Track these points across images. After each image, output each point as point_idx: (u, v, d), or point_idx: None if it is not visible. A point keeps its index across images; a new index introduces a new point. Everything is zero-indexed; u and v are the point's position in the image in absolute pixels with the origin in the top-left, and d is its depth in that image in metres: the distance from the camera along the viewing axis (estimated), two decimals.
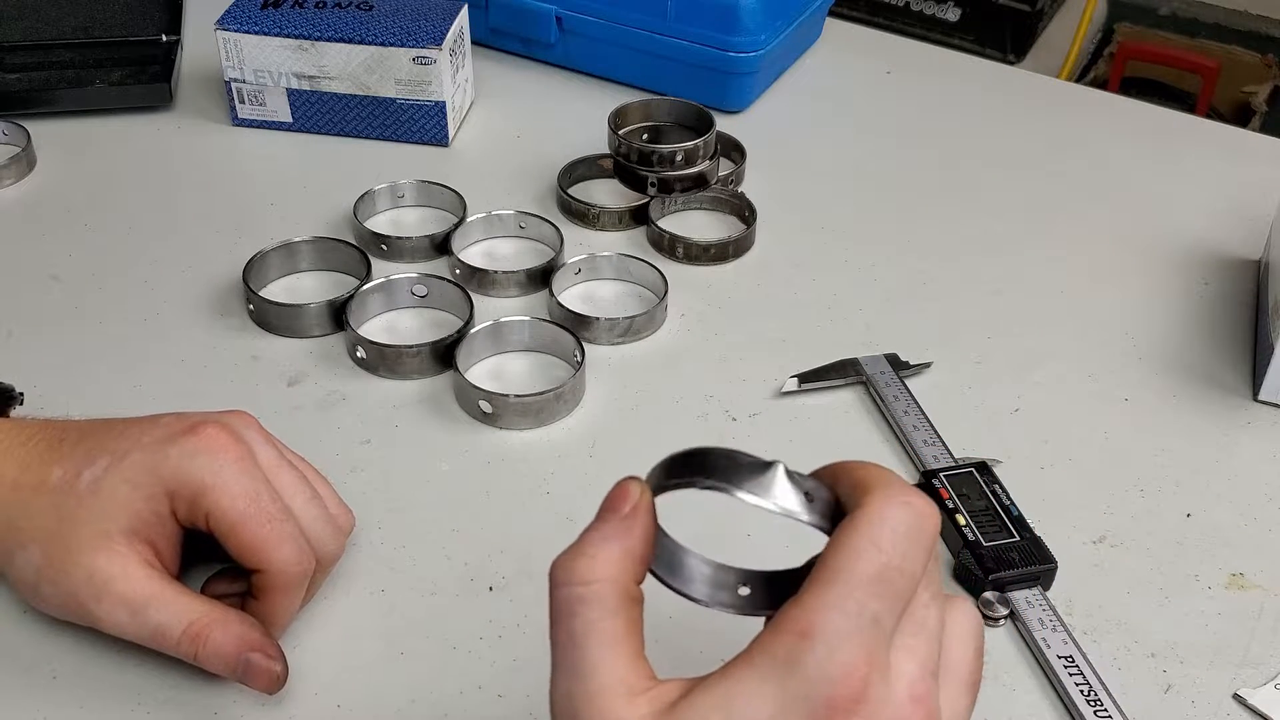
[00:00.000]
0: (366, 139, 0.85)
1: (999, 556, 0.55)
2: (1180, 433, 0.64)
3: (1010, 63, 2.07)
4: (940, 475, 0.59)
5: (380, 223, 0.77)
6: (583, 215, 0.78)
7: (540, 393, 0.62)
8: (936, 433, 0.62)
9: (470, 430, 0.63)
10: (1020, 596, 0.54)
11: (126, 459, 0.48)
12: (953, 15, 2.19)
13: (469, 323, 0.66)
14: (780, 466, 0.36)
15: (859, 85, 0.95)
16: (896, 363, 0.67)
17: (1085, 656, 0.51)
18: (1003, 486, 0.58)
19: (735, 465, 0.36)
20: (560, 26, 0.91)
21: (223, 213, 0.78)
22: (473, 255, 0.74)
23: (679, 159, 0.76)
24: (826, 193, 0.82)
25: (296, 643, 0.51)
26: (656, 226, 0.76)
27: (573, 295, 0.72)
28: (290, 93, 0.83)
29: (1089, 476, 0.62)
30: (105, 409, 0.54)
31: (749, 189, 0.81)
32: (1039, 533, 0.56)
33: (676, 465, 0.37)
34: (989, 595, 0.54)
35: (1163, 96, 1.93)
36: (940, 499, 0.57)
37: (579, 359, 0.64)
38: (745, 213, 0.78)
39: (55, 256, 0.73)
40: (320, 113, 0.84)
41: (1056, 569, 0.55)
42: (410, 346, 0.65)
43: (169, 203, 0.79)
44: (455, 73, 0.83)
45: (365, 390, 0.65)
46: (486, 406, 0.62)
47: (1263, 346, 0.67)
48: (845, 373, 0.66)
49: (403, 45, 0.80)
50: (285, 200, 0.79)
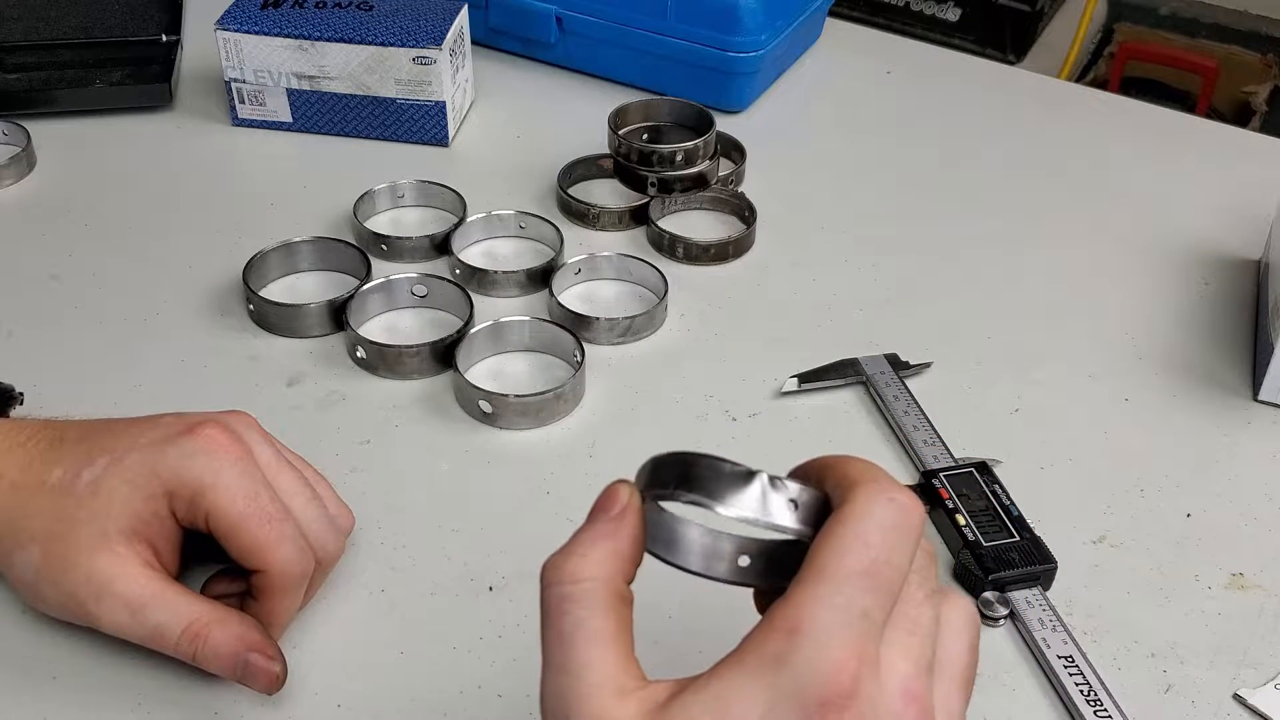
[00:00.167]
0: (366, 139, 0.85)
1: (999, 556, 0.55)
2: (1180, 433, 0.64)
3: (1010, 63, 2.07)
4: (940, 475, 0.59)
5: (380, 223, 0.77)
6: (583, 215, 0.78)
7: (540, 393, 0.62)
8: (936, 433, 0.62)
9: (470, 430, 0.63)
10: (1020, 596, 0.54)
11: (126, 459, 0.48)
12: (953, 15, 2.19)
13: (469, 323, 0.66)
14: (763, 477, 0.36)
15: (859, 85, 0.95)
16: (896, 363, 0.67)
17: (1085, 656, 0.51)
18: (1003, 486, 0.58)
19: (718, 475, 0.36)
20: (560, 26, 0.91)
21: (223, 213, 0.78)
22: (473, 255, 0.74)
23: (679, 159, 0.76)
24: (826, 193, 0.82)
25: (296, 643, 0.51)
26: (656, 226, 0.76)
27: (573, 295, 0.72)
28: (290, 93, 0.83)
29: (1089, 476, 0.62)
30: (105, 409, 0.54)
31: (749, 189, 0.81)
32: (1039, 533, 0.56)
33: (662, 469, 0.37)
34: (989, 595, 0.54)
35: (1163, 96, 1.93)
36: (940, 499, 0.58)
37: (579, 359, 0.64)
38: (745, 213, 0.78)
39: (55, 256, 0.73)
40: (320, 113, 0.84)
41: (1056, 569, 0.55)
42: (410, 346, 0.65)
43: (169, 203, 0.79)
44: (455, 73, 0.83)
45: (365, 390, 0.65)
46: (486, 406, 0.62)
47: (1263, 346, 0.67)
48: (845, 373, 0.66)
49: (403, 45, 0.80)
50: (285, 200, 0.79)
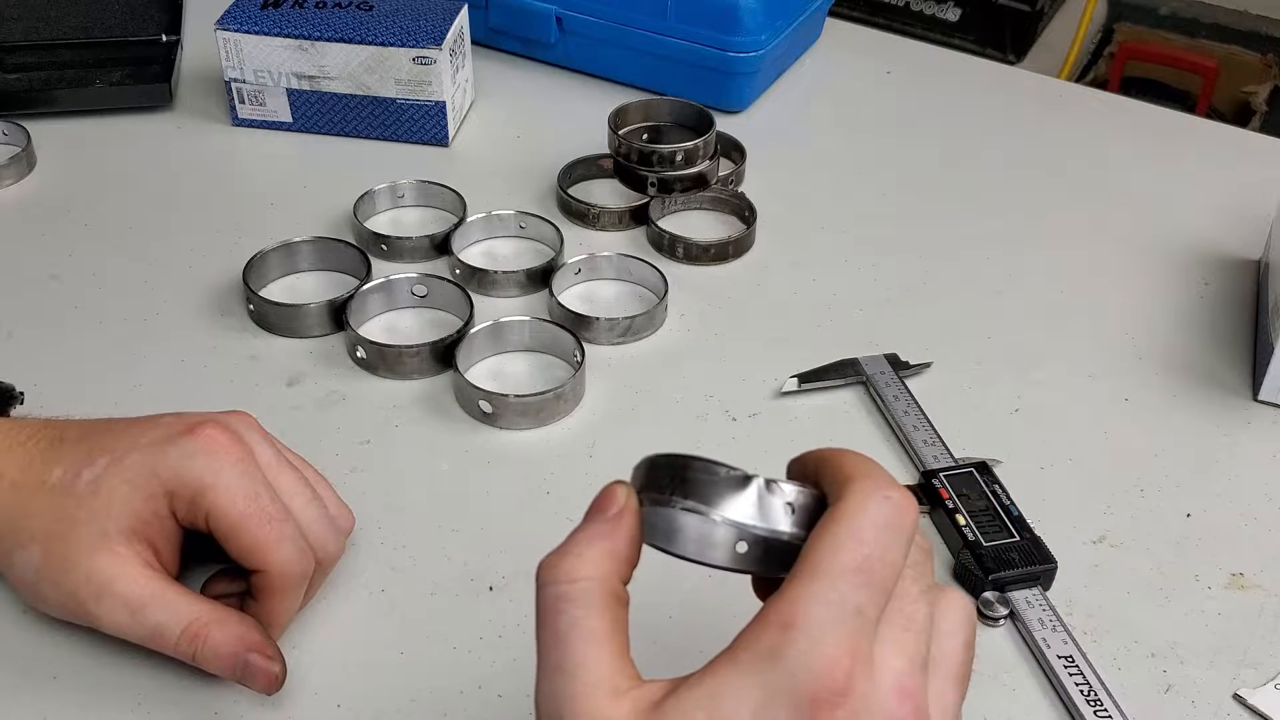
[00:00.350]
0: (366, 139, 0.85)
1: (999, 556, 0.55)
2: (1180, 433, 0.64)
3: (1010, 63, 2.07)
4: (940, 475, 0.59)
5: (380, 223, 0.77)
6: (583, 215, 0.78)
7: (540, 393, 0.62)
8: (936, 433, 0.62)
9: (470, 430, 0.63)
10: (1020, 596, 0.54)
11: (126, 459, 0.48)
12: (953, 15, 2.19)
13: (469, 323, 0.66)
14: (759, 481, 0.36)
15: (859, 85, 0.95)
16: (896, 363, 0.67)
17: (1085, 656, 0.51)
18: (1003, 486, 0.58)
19: (714, 480, 0.36)
20: (560, 26, 0.91)
21: (223, 213, 0.78)
22: (473, 255, 0.74)
23: (679, 159, 0.76)
24: (826, 193, 0.82)
25: (296, 643, 0.51)
26: (656, 226, 0.76)
27: (573, 295, 0.72)
28: (290, 93, 0.83)
29: (1089, 476, 0.62)
30: (105, 409, 0.54)
31: (749, 189, 0.81)
32: (1039, 533, 0.56)
33: (657, 470, 0.37)
34: (989, 595, 0.54)
35: (1163, 96, 1.93)
36: (940, 499, 0.58)
37: (579, 359, 0.64)
38: (745, 213, 0.78)
39: (55, 256, 0.73)
40: (320, 113, 0.84)
41: (1056, 569, 0.55)
42: (410, 346, 0.65)
43: (169, 203, 0.79)
44: (455, 73, 0.83)
45: (365, 390, 0.65)
46: (486, 406, 0.62)
47: (1263, 346, 0.67)
48: (845, 373, 0.66)
49: (403, 45, 0.80)
50: (285, 200, 0.79)
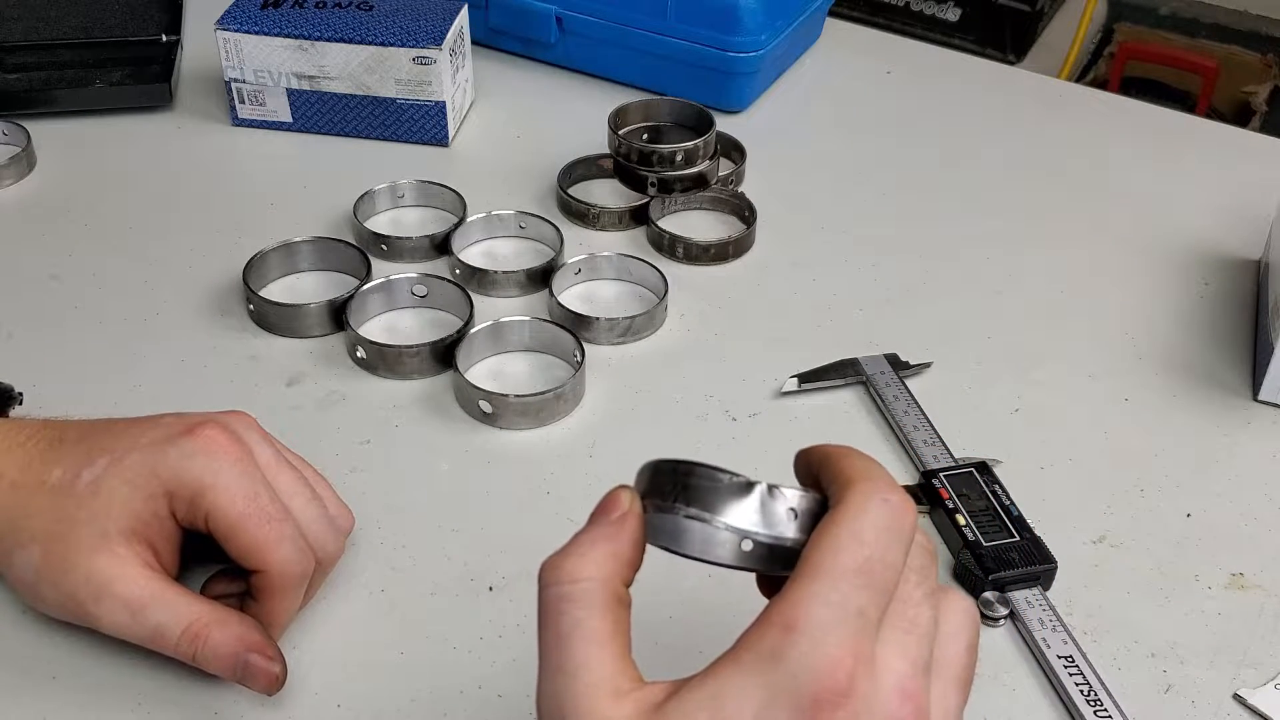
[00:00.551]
0: (366, 139, 0.85)
1: (999, 556, 0.55)
2: (1180, 433, 0.64)
3: (1010, 63, 2.07)
4: (940, 475, 0.59)
5: (380, 223, 0.77)
6: (583, 215, 0.78)
7: (540, 393, 0.62)
8: (936, 433, 0.62)
9: (470, 430, 0.63)
10: (1020, 596, 0.54)
11: (126, 459, 0.48)
12: (953, 15, 2.19)
13: (469, 323, 0.66)
14: (761, 487, 0.36)
15: (859, 85, 0.95)
16: (896, 363, 0.67)
17: (1085, 656, 0.51)
18: (1003, 486, 0.58)
19: (716, 487, 0.36)
20: (560, 26, 0.91)
21: (223, 213, 0.78)
22: (473, 255, 0.74)
23: (679, 159, 0.76)
24: (826, 193, 0.82)
25: (296, 643, 0.51)
26: (656, 226, 0.76)
27: (573, 295, 0.72)
28: (290, 93, 0.83)
29: (1089, 476, 0.62)
30: (105, 409, 0.54)
31: (749, 189, 0.81)
32: (1039, 533, 0.56)
33: (661, 477, 0.37)
34: (989, 595, 0.54)
35: (1163, 96, 1.93)
36: (940, 499, 0.58)
37: (579, 359, 0.64)
38: (745, 213, 0.78)
39: (55, 256, 0.73)
40: (320, 113, 0.84)
41: (1056, 569, 0.55)
42: (410, 346, 0.65)
43: (169, 203, 0.79)
44: (455, 73, 0.83)
45: (365, 390, 0.65)
46: (486, 406, 0.62)
47: (1263, 346, 0.67)
48: (845, 373, 0.66)
49: (403, 45, 0.80)
50: (285, 200, 0.79)
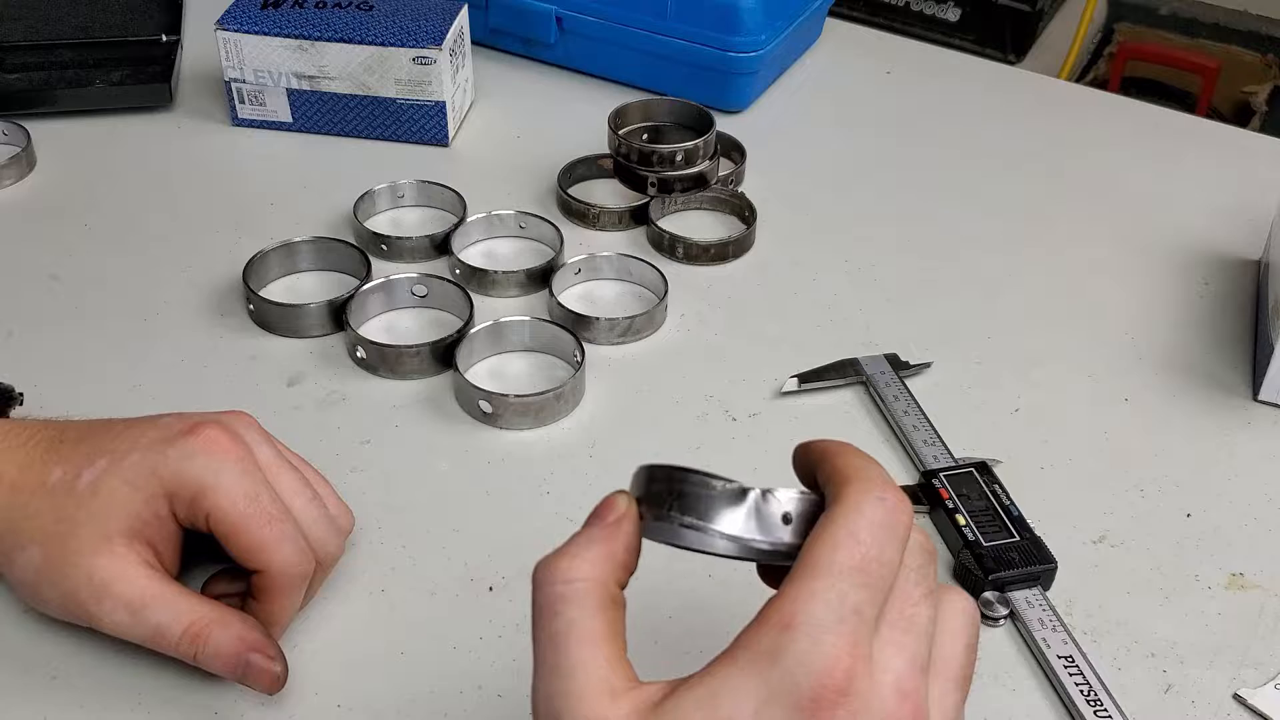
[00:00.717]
0: (366, 139, 0.85)
1: (999, 556, 0.55)
2: (1180, 433, 0.64)
3: (1010, 63, 2.07)
4: (940, 475, 0.59)
5: (380, 223, 0.77)
6: (583, 215, 0.78)
7: (540, 393, 0.62)
8: (936, 433, 0.62)
9: (470, 430, 0.63)
10: (1020, 596, 0.54)
11: (126, 460, 0.48)
12: (953, 15, 2.18)
13: (469, 323, 0.66)
14: (754, 493, 0.36)
15: (859, 85, 0.95)
16: (896, 363, 0.67)
17: (1085, 656, 0.51)
18: (1003, 486, 0.58)
19: (710, 494, 0.36)
20: (560, 26, 0.91)
21: (223, 213, 0.78)
22: (473, 255, 0.74)
23: (679, 159, 0.76)
24: (826, 193, 0.82)
25: (296, 643, 0.51)
26: (656, 226, 0.76)
27: (573, 295, 0.72)
28: (290, 93, 0.83)
29: (1089, 476, 0.62)
30: (105, 409, 0.54)
31: (749, 189, 0.81)
32: (1039, 533, 0.56)
33: (655, 483, 0.37)
34: (989, 595, 0.54)
35: (1163, 96, 1.92)
36: (940, 499, 0.58)
37: (579, 359, 0.64)
38: (745, 213, 0.78)
39: (55, 256, 0.73)
40: (320, 113, 0.84)
41: (1056, 569, 0.55)
42: (410, 346, 0.65)
43: (169, 203, 0.79)
44: (455, 73, 0.83)
45: (365, 390, 0.65)
46: (486, 406, 0.62)
47: (1263, 346, 0.67)
48: (845, 373, 0.66)
49: (403, 45, 0.80)
50: (285, 200, 0.79)
